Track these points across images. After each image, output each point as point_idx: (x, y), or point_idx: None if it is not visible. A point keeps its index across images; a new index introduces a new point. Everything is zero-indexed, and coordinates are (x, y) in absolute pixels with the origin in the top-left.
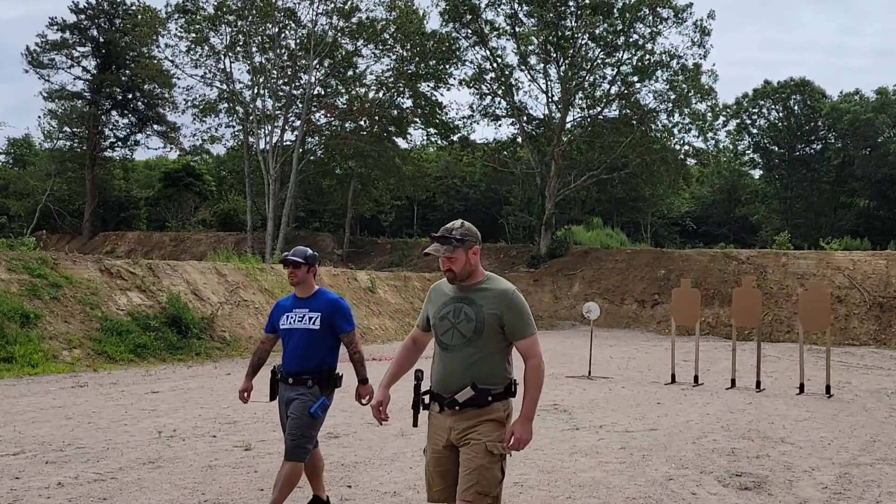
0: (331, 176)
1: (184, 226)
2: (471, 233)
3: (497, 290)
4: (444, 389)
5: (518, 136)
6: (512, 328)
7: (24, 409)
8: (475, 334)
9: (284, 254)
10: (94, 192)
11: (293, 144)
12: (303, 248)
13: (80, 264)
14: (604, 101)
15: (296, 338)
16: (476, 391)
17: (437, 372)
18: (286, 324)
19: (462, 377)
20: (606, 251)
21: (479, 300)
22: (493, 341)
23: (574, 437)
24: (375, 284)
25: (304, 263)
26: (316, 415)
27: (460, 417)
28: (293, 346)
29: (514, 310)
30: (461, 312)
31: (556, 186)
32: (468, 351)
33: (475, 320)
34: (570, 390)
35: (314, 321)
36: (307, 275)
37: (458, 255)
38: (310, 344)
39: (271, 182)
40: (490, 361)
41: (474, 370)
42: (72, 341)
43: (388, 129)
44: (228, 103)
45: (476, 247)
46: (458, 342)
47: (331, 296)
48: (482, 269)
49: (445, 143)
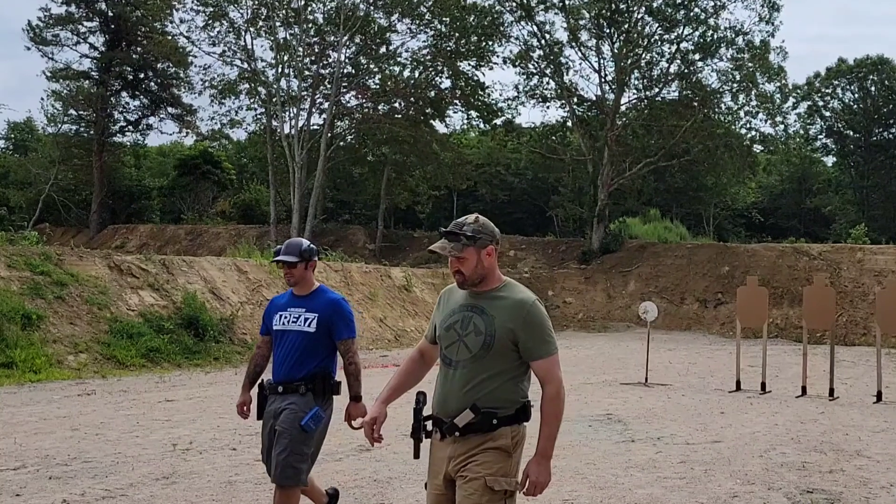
0: (362, 163)
1: (201, 218)
2: (485, 230)
3: (513, 300)
4: (443, 412)
5: (568, 119)
6: (528, 346)
7: (25, 419)
8: (483, 350)
9: (276, 247)
10: (102, 181)
11: (321, 129)
12: (296, 241)
13: (86, 260)
14: (662, 82)
15: (288, 341)
16: (476, 413)
17: (437, 392)
18: (279, 324)
19: (463, 398)
20: (665, 246)
21: (491, 310)
22: (503, 359)
23: (629, 450)
24: (411, 282)
25: (299, 261)
26: (308, 428)
27: (462, 444)
28: (285, 350)
29: (532, 325)
30: (470, 323)
31: (610, 175)
32: (474, 369)
33: (485, 333)
34: (624, 399)
35: (310, 323)
36: (305, 272)
37: (468, 254)
38: (304, 348)
39: (297, 170)
40: (498, 382)
41: (477, 390)
42: (78, 345)
43: (425, 111)
44: (249, 84)
45: (490, 247)
46: (464, 357)
47: (332, 295)
48: (500, 275)
49: (488, 128)
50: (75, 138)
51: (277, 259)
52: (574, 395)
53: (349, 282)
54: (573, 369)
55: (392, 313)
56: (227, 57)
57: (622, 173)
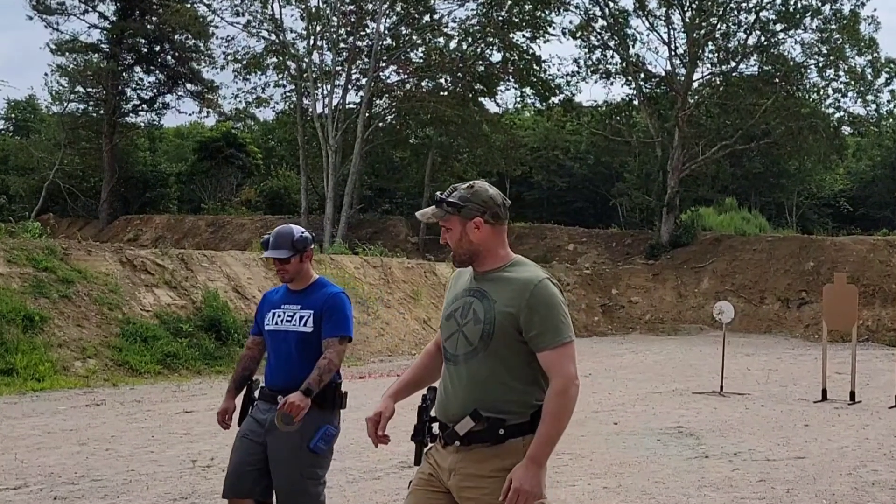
0: (404, 146)
1: (223, 207)
2: (476, 199)
3: (518, 280)
4: (445, 416)
5: (634, 97)
6: (533, 333)
7: (27, 432)
8: (482, 341)
9: (265, 237)
10: (113, 167)
11: (357, 108)
12: (286, 231)
13: (96, 255)
14: (739, 55)
15: (282, 342)
16: (477, 420)
17: (439, 393)
18: (271, 323)
19: (464, 401)
20: (742, 239)
21: (493, 293)
22: (509, 353)
23: (703, 466)
24: None
25: (293, 254)
26: (318, 449)
27: (465, 458)
28: (279, 354)
29: (538, 307)
30: (469, 310)
31: (681, 159)
32: (475, 365)
33: (483, 321)
34: (697, 410)
35: (306, 321)
36: (301, 265)
37: (451, 224)
38: (301, 352)
39: (331, 154)
40: (505, 381)
41: (480, 391)
42: (86, 349)
43: (474, 88)
44: (278, 57)
45: (478, 219)
46: (463, 351)
47: (331, 288)
48: (506, 252)
49: (544, 106)
50: (83, 118)
51: (267, 255)
52: (641, 405)
53: (389, 279)
54: (639, 377)
55: (437, 315)
56: (253, 27)
57: (694, 157)
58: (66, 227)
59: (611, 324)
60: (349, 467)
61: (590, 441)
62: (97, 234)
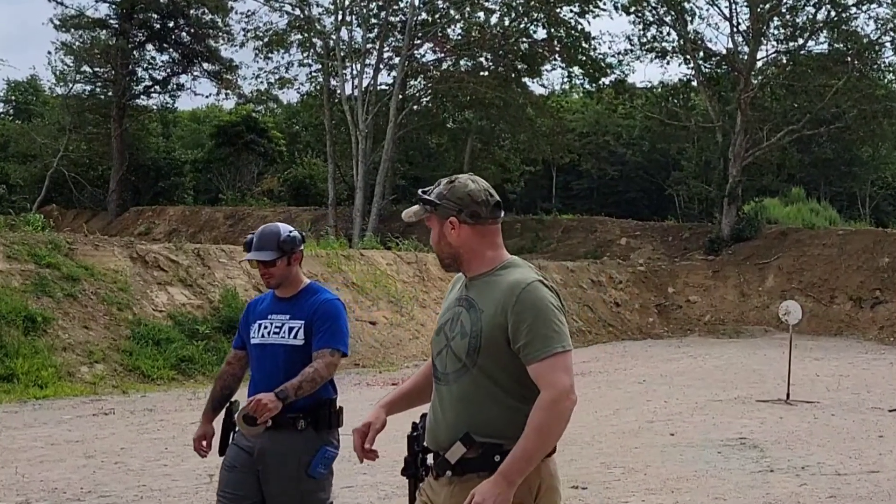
0: (440, 131)
1: (243, 198)
2: (454, 195)
3: (505, 286)
4: (435, 444)
5: (692, 78)
6: (521, 344)
7: (28, 443)
8: (470, 356)
9: (247, 237)
10: (122, 153)
11: (390, 89)
12: (272, 230)
13: (104, 250)
14: (808, 31)
15: (270, 358)
16: (469, 446)
17: (428, 417)
18: (257, 336)
19: (454, 425)
20: (811, 232)
21: (479, 301)
22: (500, 367)
23: (767, 481)
24: None
25: (279, 256)
26: (317, 474)
27: (459, 490)
28: (265, 371)
29: (525, 314)
30: (458, 322)
31: (744, 145)
32: (464, 383)
33: (469, 334)
34: (761, 419)
35: (296, 333)
36: (289, 268)
37: (432, 223)
38: (290, 368)
39: (361, 139)
40: (498, 399)
41: (471, 413)
42: (93, 353)
43: (517, 68)
44: (303, 34)
45: (453, 218)
46: (453, 369)
47: (324, 294)
48: (497, 255)
49: (594, 88)
50: (90, 101)
51: (249, 258)
52: (700, 414)
53: (425, 276)
54: (698, 383)
55: None
56: (276, 1)
57: (758, 143)
58: (72, 219)
59: (666, 325)
60: (380, 482)
61: (644, 454)
62: (105, 227)
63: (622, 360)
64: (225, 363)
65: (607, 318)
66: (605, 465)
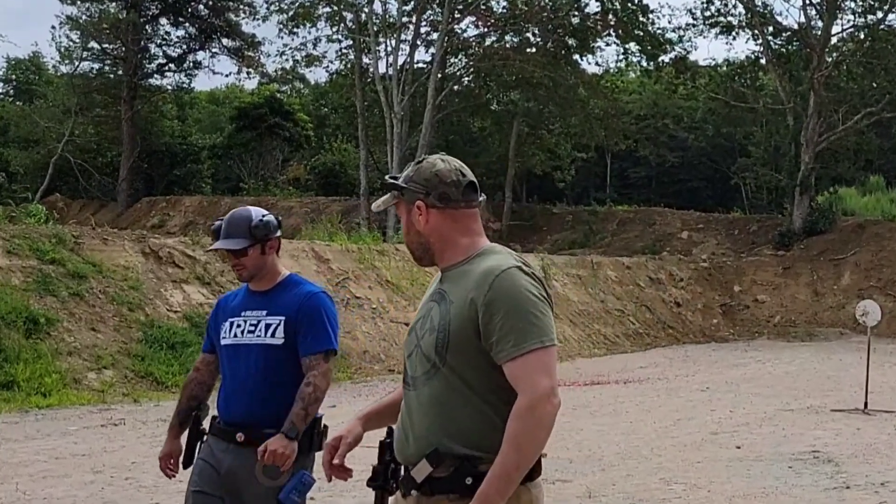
0: (483, 114)
1: (266, 187)
2: (420, 176)
3: (478, 273)
4: (402, 457)
5: (760, 55)
6: (493, 340)
7: (30, 457)
8: (439, 354)
9: (216, 222)
10: (134, 138)
11: (428, 68)
12: (242, 214)
13: (113, 244)
14: (887, 4)
15: (245, 360)
16: (436, 464)
17: (397, 427)
18: (228, 336)
19: (423, 436)
20: (890, 225)
21: (451, 293)
22: (472, 367)
23: (843, 499)
24: (550, 274)
25: (250, 244)
26: (289, 501)
27: None
28: (238, 376)
29: (498, 304)
30: (428, 318)
31: (817, 129)
32: (434, 386)
33: (437, 329)
34: (836, 431)
35: (275, 331)
36: (263, 257)
37: (400, 211)
38: (268, 372)
39: (396, 123)
40: (471, 410)
41: (442, 421)
42: (101, 358)
43: (568, 44)
44: (332, 6)
45: (419, 202)
46: (422, 371)
47: (307, 287)
48: (473, 240)
49: (652, 66)
50: (98, 80)
51: (216, 247)
52: (769, 425)
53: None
54: (766, 391)
55: None
56: None
57: (833, 127)
58: (78, 210)
59: (732, 327)
60: None
61: (707, 469)
62: (115, 219)
63: (683, 365)
64: (192, 370)
65: (667, 319)
66: (665, 482)
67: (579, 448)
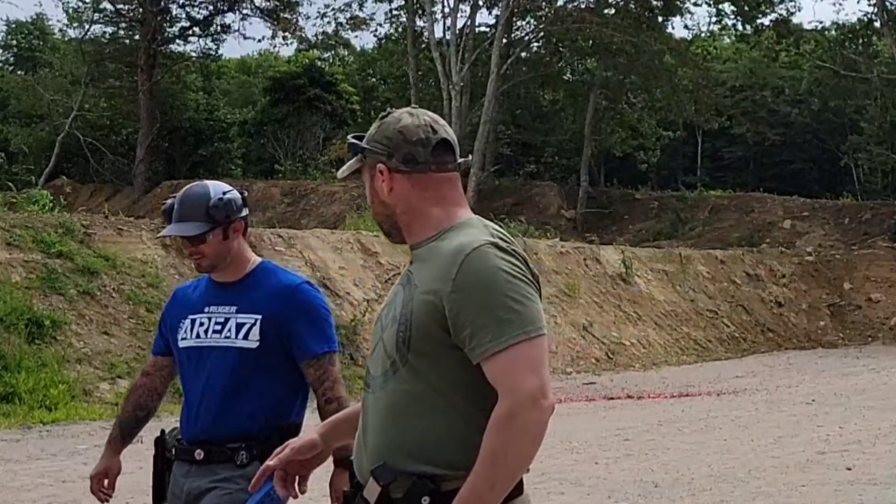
0: (556, 85)
1: (306, 170)
2: (381, 136)
3: (447, 252)
4: (358, 472)
5: (874, 17)
6: (465, 334)
7: (34, 480)
8: (399, 350)
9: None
10: (152, 113)
11: (491, 32)
12: (197, 191)
13: (129, 235)
14: None
15: (209, 366)
16: (385, 482)
17: (356, 437)
18: (190, 337)
19: (379, 447)
20: None
21: (417, 275)
22: (438, 365)
23: None
24: (632, 269)
25: (209, 228)
26: None
27: None
28: (202, 384)
29: (469, 290)
30: (392, 306)
31: None
32: (392, 389)
33: (398, 319)
34: None
35: (248, 332)
36: (226, 243)
37: (364, 177)
38: (239, 381)
39: (455, 95)
40: (438, 412)
41: (399, 430)
42: (115, 365)
43: (653, 5)
44: None
45: (382, 165)
46: (382, 370)
47: (287, 278)
48: (447, 212)
49: (750, 30)
50: (111, 46)
51: (168, 233)
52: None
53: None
54: (881, 404)
55: (602, 317)
56: None
57: None
58: (88, 196)
59: (842, 331)
60: None
61: (814, 493)
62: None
63: (786, 374)
64: (141, 374)
65: (767, 321)
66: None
67: (665, 470)
